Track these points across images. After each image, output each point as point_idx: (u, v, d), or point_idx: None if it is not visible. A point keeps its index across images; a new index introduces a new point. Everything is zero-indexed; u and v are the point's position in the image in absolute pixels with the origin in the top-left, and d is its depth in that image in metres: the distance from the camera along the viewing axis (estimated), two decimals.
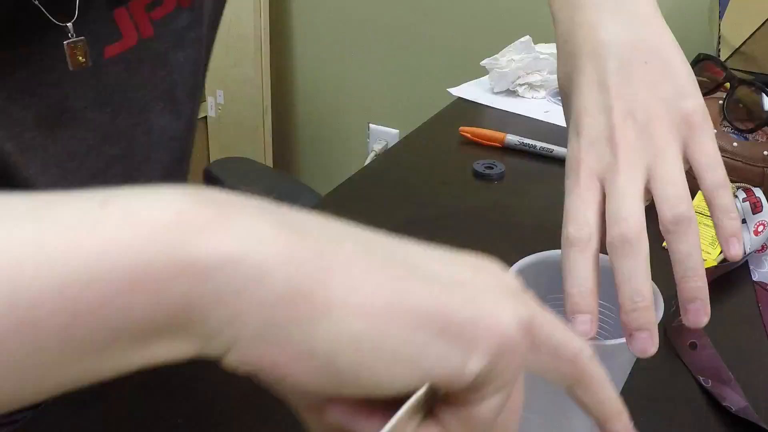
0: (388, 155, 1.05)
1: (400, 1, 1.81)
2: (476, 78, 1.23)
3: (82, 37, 0.53)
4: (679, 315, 0.64)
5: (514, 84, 1.13)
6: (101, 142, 0.58)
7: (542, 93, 1.11)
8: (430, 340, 0.26)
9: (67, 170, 0.57)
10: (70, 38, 0.52)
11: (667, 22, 0.51)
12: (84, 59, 0.53)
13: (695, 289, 0.44)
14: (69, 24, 0.52)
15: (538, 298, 0.32)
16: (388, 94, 1.94)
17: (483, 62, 1.15)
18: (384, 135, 1.98)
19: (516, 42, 1.13)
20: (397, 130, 1.96)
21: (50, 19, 0.51)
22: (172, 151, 0.64)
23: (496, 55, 1.15)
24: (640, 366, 0.44)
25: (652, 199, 0.45)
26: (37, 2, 0.50)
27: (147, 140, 0.62)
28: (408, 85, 1.89)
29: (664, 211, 0.44)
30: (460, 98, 1.17)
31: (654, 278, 0.73)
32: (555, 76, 1.10)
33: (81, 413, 0.54)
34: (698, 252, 0.44)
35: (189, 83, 0.64)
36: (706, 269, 0.70)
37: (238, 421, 0.54)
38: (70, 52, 0.52)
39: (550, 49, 1.16)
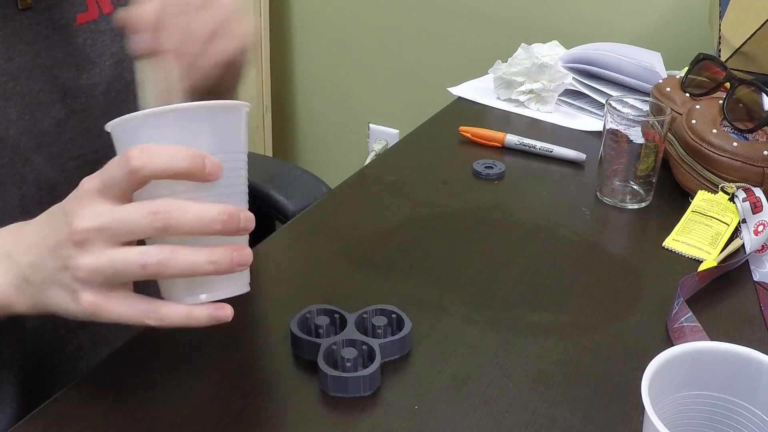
0: (388, 155, 1.05)
1: (400, 0, 1.81)
2: (476, 77, 1.23)
3: None
4: (681, 316, 0.64)
5: (518, 92, 1.12)
6: (64, 96, 0.66)
7: (549, 107, 1.11)
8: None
9: (36, 118, 0.64)
10: None
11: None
12: (29, 2, 0.61)
13: None
14: None
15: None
16: (388, 94, 1.94)
17: (489, 71, 1.15)
18: (384, 135, 1.98)
19: (518, 50, 1.13)
20: (397, 130, 1.95)
21: None
22: (124, 112, 0.70)
23: (501, 63, 1.14)
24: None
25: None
26: None
27: (103, 99, 0.69)
28: (408, 85, 1.89)
29: None
30: (460, 98, 1.17)
31: (654, 277, 0.73)
32: (557, 83, 1.11)
33: (82, 413, 0.54)
34: None
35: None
36: (706, 269, 0.71)
37: (239, 421, 0.54)
38: None
39: (548, 49, 1.16)
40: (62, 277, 0.48)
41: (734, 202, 0.81)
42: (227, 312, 0.48)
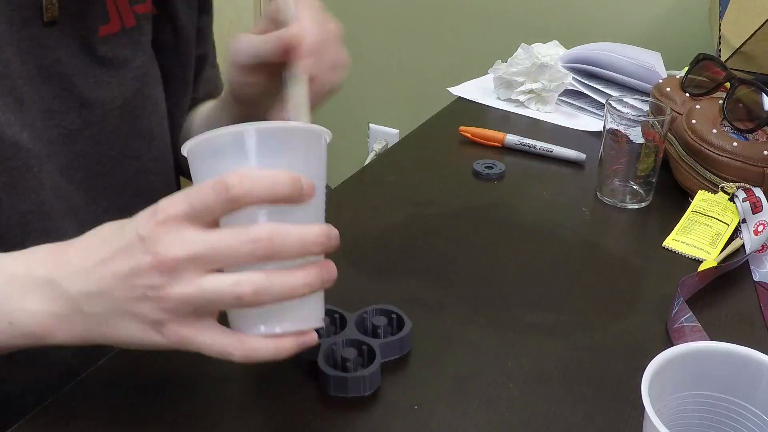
0: (388, 155, 1.05)
1: (400, 0, 1.81)
2: (476, 77, 1.23)
3: None
4: (681, 316, 0.64)
5: (518, 92, 1.12)
6: (80, 107, 0.65)
7: (549, 107, 1.11)
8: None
9: (46, 126, 0.63)
10: None
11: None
12: (55, 14, 0.61)
13: None
14: None
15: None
16: (388, 94, 1.94)
17: (489, 71, 1.15)
18: (384, 135, 1.98)
19: (518, 50, 1.12)
20: (397, 130, 1.95)
21: None
22: (137, 128, 0.71)
23: (501, 62, 1.14)
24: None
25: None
26: None
27: (119, 113, 0.68)
28: (408, 84, 1.89)
29: None
30: (460, 98, 1.17)
31: (654, 278, 0.73)
32: (557, 83, 1.11)
33: (82, 413, 0.54)
34: None
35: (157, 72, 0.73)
36: (706, 269, 0.71)
37: (238, 421, 0.54)
38: (46, 4, 0.60)
39: (547, 49, 1.16)
40: (140, 308, 0.45)
41: (734, 202, 0.81)
42: (313, 337, 0.46)
